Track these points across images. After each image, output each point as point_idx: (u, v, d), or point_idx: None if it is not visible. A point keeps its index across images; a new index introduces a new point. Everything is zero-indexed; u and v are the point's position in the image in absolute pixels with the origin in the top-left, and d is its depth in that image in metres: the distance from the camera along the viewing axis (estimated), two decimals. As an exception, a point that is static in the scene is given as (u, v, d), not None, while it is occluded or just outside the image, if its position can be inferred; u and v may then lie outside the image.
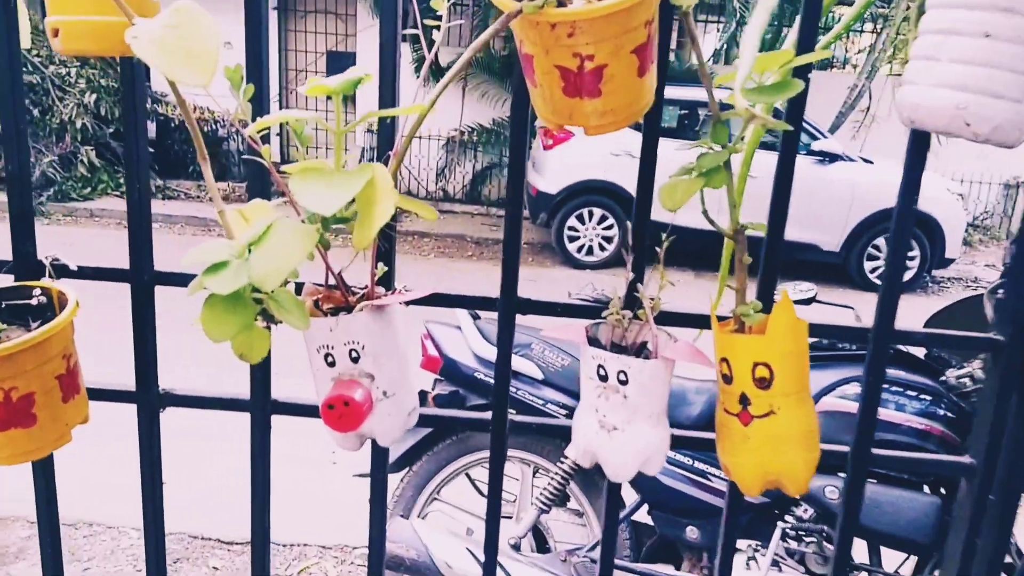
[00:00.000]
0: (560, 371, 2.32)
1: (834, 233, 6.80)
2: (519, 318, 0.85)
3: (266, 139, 0.69)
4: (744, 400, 0.72)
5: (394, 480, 2.48)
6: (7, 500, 2.87)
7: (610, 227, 7.09)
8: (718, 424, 0.76)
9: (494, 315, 0.85)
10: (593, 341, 0.77)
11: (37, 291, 0.81)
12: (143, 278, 0.81)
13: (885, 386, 2.22)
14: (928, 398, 2.22)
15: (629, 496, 2.31)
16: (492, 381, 2.37)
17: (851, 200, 6.67)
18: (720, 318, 0.77)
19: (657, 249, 0.75)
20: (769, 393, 0.71)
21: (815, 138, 6.84)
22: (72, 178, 8.10)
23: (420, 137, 8.81)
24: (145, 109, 0.79)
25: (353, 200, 0.62)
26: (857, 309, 2.55)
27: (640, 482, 2.18)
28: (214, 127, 8.95)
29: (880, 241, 6.88)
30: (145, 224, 0.80)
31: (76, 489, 2.39)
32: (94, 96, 8.23)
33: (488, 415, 0.89)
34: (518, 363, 2.34)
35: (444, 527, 2.43)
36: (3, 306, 0.81)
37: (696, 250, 4.14)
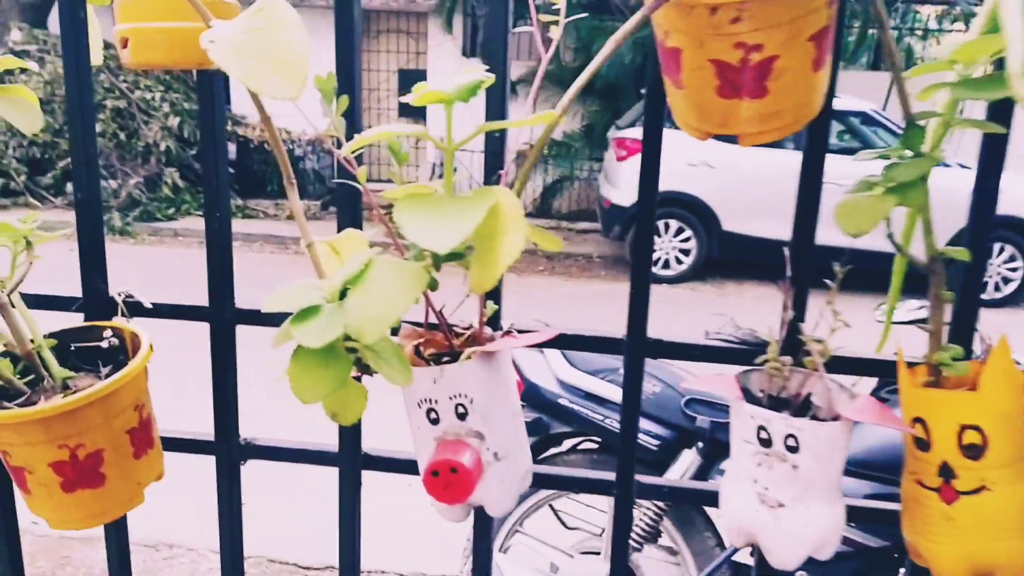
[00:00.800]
0: (651, 399, 2.17)
1: (929, 243, 6.37)
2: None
3: (360, 159, 0.59)
4: (947, 471, 0.57)
5: (474, 509, 2.36)
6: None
7: (687, 240, 6.86)
8: (907, 497, 0.62)
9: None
10: (746, 395, 0.63)
11: (108, 332, 0.73)
12: (224, 316, 0.72)
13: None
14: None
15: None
16: (576, 408, 2.25)
17: (947, 209, 6.23)
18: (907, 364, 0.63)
19: (829, 283, 0.61)
20: (981, 464, 0.56)
21: (906, 143, 6.45)
22: (157, 199, 8.37)
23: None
24: (224, 131, 0.70)
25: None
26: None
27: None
28: (290, 146, 9.14)
29: (978, 251, 6.42)
30: (226, 258, 0.71)
31: (156, 510, 2.37)
32: (177, 119, 8.51)
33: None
34: (605, 389, 2.20)
35: (527, 562, 2.31)
36: (72, 349, 0.74)
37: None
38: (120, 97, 8.26)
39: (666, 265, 6.93)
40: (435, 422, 0.62)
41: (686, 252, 6.89)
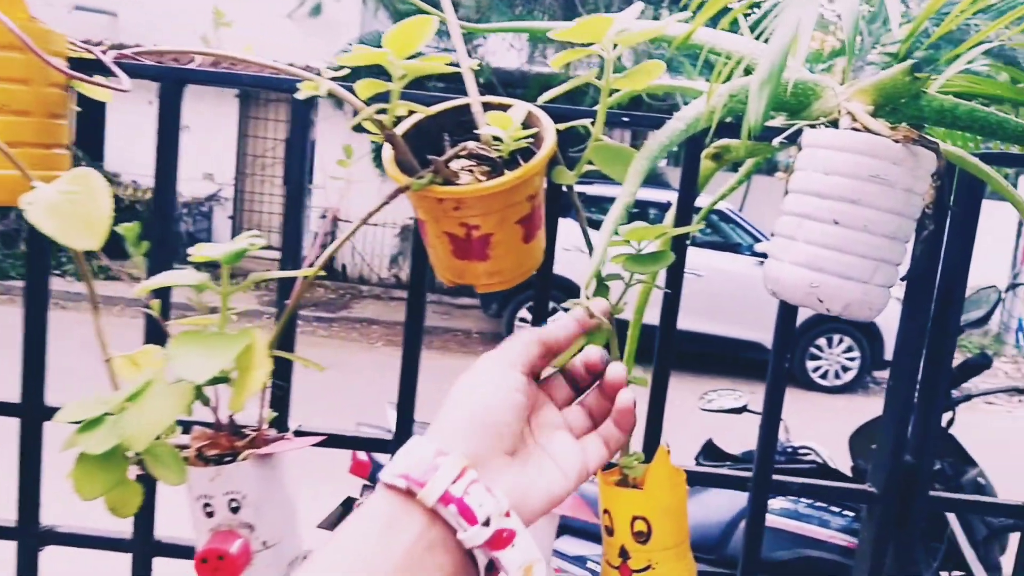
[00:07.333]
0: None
1: (777, 332, 6.94)
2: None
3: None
4: (624, 553, 0.73)
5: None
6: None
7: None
8: (602, 574, 0.77)
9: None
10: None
11: None
12: (35, 414, 0.81)
13: (810, 501, 2.25)
14: (852, 514, 2.25)
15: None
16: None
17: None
18: (607, 466, 0.79)
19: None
20: (648, 547, 0.73)
21: (758, 240, 7.10)
22: (13, 255, 7.93)
23: (375, 224, 8.89)
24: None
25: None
26: (785, 420, 2.60)
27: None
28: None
29: (822, 341, 7.09)
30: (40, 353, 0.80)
31: None
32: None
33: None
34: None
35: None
36: None
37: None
38: None
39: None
40: (210, 515, 0.72)
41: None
